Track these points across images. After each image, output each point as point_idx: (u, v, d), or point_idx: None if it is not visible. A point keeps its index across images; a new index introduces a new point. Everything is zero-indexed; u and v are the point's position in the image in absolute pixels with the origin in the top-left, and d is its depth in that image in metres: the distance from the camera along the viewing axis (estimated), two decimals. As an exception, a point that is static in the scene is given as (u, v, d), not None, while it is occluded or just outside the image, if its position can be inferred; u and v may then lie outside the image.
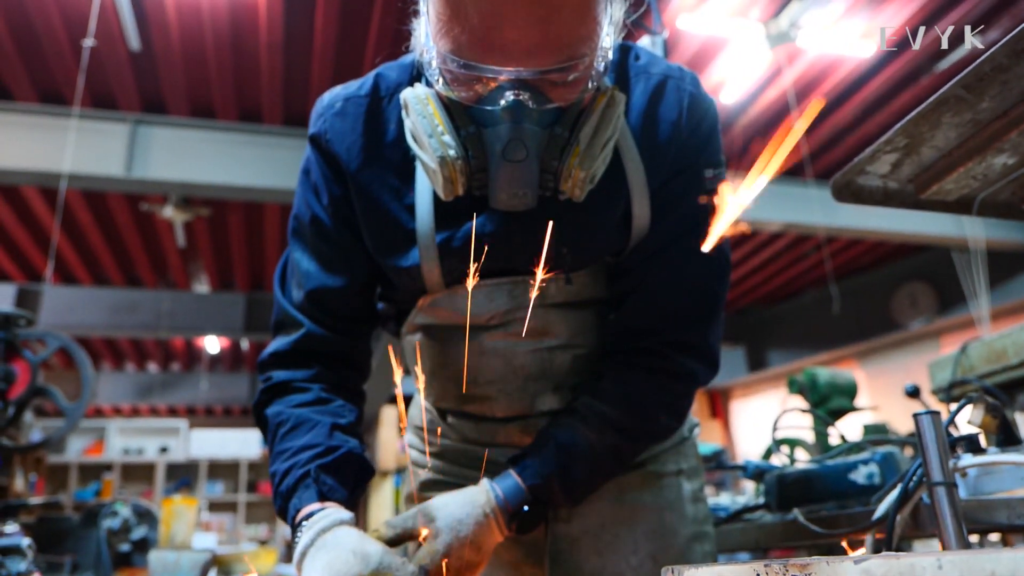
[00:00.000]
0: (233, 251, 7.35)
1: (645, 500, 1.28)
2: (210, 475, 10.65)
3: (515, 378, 1.20)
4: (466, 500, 1.07)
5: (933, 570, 0.49)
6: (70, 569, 2.53)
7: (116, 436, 10.87)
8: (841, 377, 4.41)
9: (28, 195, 6.13)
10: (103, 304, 7.91)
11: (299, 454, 1.09)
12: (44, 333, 2.64)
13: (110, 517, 2.59)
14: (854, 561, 0.55)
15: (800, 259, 8.18)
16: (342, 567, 0.96)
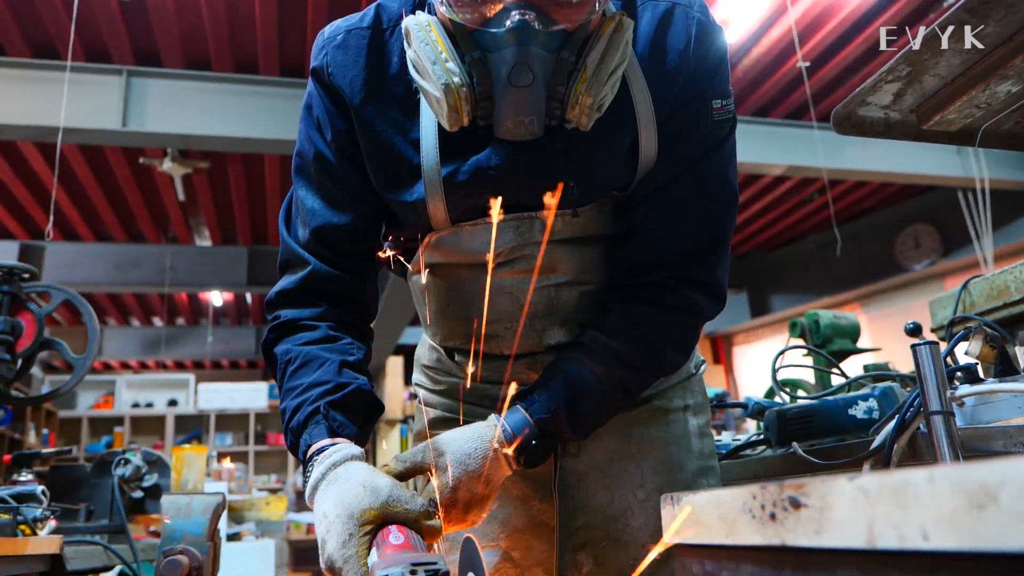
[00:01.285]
0: (234, 204, 7.33)
1: (652, 435, 1.30)
2: (219, 427, 10.79)
3: (522, 315, 1.20)
4: (474, 435, 1.09)
5: (925, 483, 0.50)
6: (85, 516, 2.58)
7: (125, 390, 11.00)
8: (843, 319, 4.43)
9: (26, 151, 6.09)
10: (106, 260, 7.91)
11: (309, 391, 1.10)
12: (48, 286, 2.65)
13: (122, 465, 2.63)
14: (848, 478, 0.56)
15: (803, 203, 8.14)
16: (352, 500, 0.98)
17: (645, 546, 1.25)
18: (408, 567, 0.89)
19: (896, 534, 0.51)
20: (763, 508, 0.66)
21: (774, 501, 0.64)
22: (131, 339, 10.88)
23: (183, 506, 1.92)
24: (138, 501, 2.73)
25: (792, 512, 0.62)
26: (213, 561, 2.00)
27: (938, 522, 0.48)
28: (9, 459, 2.66)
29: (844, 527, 0.56)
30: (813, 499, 0.60)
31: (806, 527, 0.60)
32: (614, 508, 1.27)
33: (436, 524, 1.02)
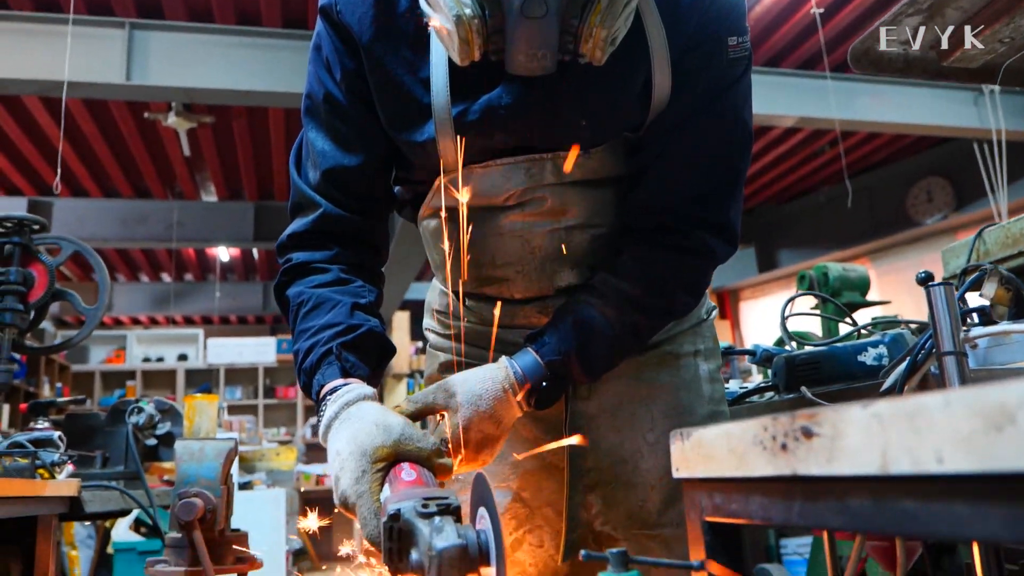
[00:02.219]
0: (239, 159, 7.30)
1: (662, 379, 1.30)
2: (228, 381, 10.89)
3: (532, 259, 1.20)
4: (485, 376, 1.09)
5: (941, 407, 0.49)
6: (101, 463, 2.62)
7: (136, 345, 11.10)
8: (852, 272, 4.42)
9: (31, 106, 6.06)
10: (113, 216, 7.92)
11: (321, 332, 1.11)
12: (58, 238, 2.65)
13: (135, 413, 2.66)
14: (861, 406, 0.56)
15: (814, 156, 8.05)
16: (365, 438, 0.99)
17: (654, 488, 1.27)
18: (420, 501, 0.90)
19: (910, 459, 0.51)
20: (774, 439, 0.66)
21: (785, 432, 0.65)
22: (140, 294, 10.94)
23: (196, 451, 1.95)
24: (152, 449, 2.77)
25: (804, 442, 0.62)
26: (227, 505, 2.04)
27: (953, 445, 0.48)
28: (25, 408, 2.70)
29: (856, 454, 0.56)
30: (825, 428, 0.60)
31: (818, 456, 0.60)
32: (623, 451, 1.28)
33: (448, 462, 1.04)
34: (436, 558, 0.84)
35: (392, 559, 0.91)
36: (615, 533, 1.27)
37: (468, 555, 0.86)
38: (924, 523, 0.52)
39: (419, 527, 0.88)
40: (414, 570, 0.89)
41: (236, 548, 2.11)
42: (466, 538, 0.87)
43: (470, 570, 0.88)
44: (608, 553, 0.77)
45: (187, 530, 1.95)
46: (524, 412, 1.12)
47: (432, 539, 0.86)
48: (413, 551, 0.89)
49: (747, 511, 0.72)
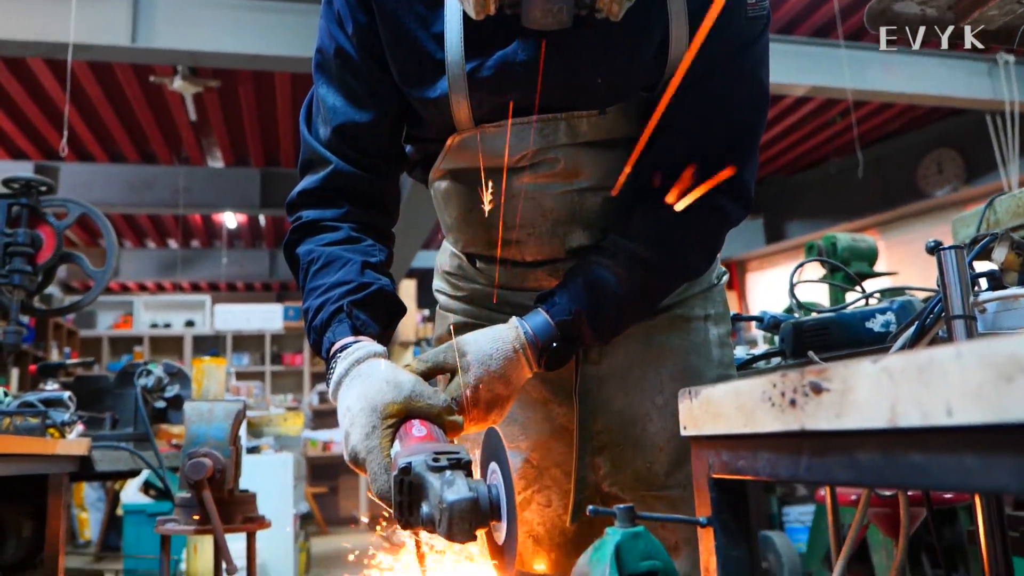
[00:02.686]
0: (245, 125, 7.27)
1: (672, 342, 1.31)
2: (235, 348, 10.96)
3: (544, 221, 1.20)
4: (495, 336, 1.09)
5: (952, 359, 0.50)
6: (110, 424, 2.65)
7: (143, 311, 11.14)
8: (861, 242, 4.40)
9: (36, 69, 6.03)
10: (120, 181, 7.92)
11: (331, 290, 1.11)
12: (65, 200, 2.66)
13: (144, 376, 2.69)
14: (871, 361, 0.57)
15: (825, 126, 7.98)
16: (376, 395, 0.99)
17: (662, 451, 1.28)
18: (431, 455, 0.91)
19: (919, 412, 0.52)
20: (783, 395, 0.66)
21: (795, 387, 0.65)
22: (147, 261, 10.97)
23: (205, 412, 1.98)
24: (161, 411, 2.80)
25: (813, 397, 0.63)
26: (235, 465, 2.06)
27: (963, 397, 0.48)
28: (35, 370, 2.72)
29: (866, 408, 0.57)
30: (835, 383, 0.60)
31: (827, 411, 0.61)
32: (632, 413, 1.29)
33: (458, 420, 1.04)
34: (447, 511, 0.85)
35: (403, 513, 0.92)
36: (622, 494, 1.29)
37: (479, 508, 0.87)
38: (932, 475, 0.53)
39: (430, 481, 0.89)
40: (425, 524, 0.90)
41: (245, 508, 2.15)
42: (477, 492, 0.87)
43: (481, 524, 0.88)
44: (615, 509, 0.78)
45: (197, 489, 1.98)
46: (534, 373, 1.13)
47: (443, 492, 0.86)
48: (424, 504, 0.90)
49: (754, 467, 0.73)
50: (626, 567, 0.74)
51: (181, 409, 2.76)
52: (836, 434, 0.60)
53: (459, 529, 0.86)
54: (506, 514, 0.89)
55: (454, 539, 0.87)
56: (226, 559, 1.88)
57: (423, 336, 9.36)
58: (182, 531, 2.04)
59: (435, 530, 0.90)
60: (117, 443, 2.42)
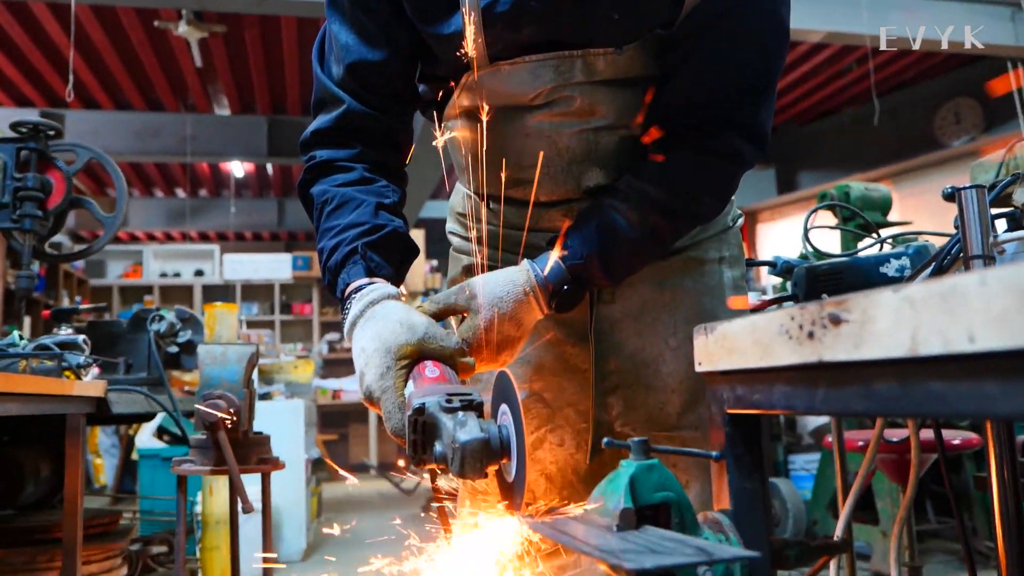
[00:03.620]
0: (251, 71, 7.19)
1: (686, 285, 1.31)
2: (245, 297, 11.03)
3: (559, 160, 1.19)
4: (507, 279, 1.10)
5: (976, 286, 0.49)
6: (124, 369, 2.69)
7: (152, 260, 11.22)
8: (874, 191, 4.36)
9: (39, 13, 5.95)
10: (126, 129, 7.87)
11: (346, 231, 1.12)
12: (74, 145, 2.65)
13: (156, 321, 2.71)
14: (892, 290, 0.57)
15: (840, 74, 7.83)
16: (390, 336, 1.00)
17: (674, 392, 1.29)
18: (444, 396, 0.92)
19: (940, 339, 0.52)
20: (800, 328, 0.67)
21: (813, 320, 0.65)
22: (155, 210, 10.97)
23: (219, 355, 2.00)
24: (174, 356, 2.83)
25: (831, 329, 0.63)
26: (249, 408, 2.09)
27: (986, 323, 0.48)
28: (48, 314, 2.75)
29: (886, 338, 0.57)
30: (855, 314, 0.60)
31: (845, 342, 0.61)
32: (645, 354, 1.30)
33: (470, 361, 1.06)
34: (459, 450, 0.88)
35: (416, 451, 0.94)
36: (634, 434, 1.30)
37: (490, 448, 0.89)
38: (950, 403, 0.53)
39: (443, 421, 0.91)
40: (437, 461, 0.92)
41: (259, 450, 2.19)
42: (488, 432, 0.90)
43: (491, 462, 0.91)
44: (630, 442, 0.79)
45: (212, 431, 2.01)
46: (545, 315, 1.14)
47: (456, 432, 0.89)
48: (437, 443, 0.92)
49: (770, 401, 0.73)
50: (640, 498, 0.75)
51: (194, 354, 2.79)
52: (854, 365, 0.61)
53: (470, 467, 0.89)
54: (515, 454, 0.91)
55: (465, 476, 0.89)
56: (242, 498, 1.92)
57: (432, 286, 9.38)
58: (198, 471, 2.08)
59: (448, 467, 0.92)
60: (132, 387, 2.45)
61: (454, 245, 1.44)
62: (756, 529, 0.78)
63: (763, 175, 9.98)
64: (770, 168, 9.93)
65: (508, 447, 0.91)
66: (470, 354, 1.08)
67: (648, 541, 0.69)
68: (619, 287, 1.27)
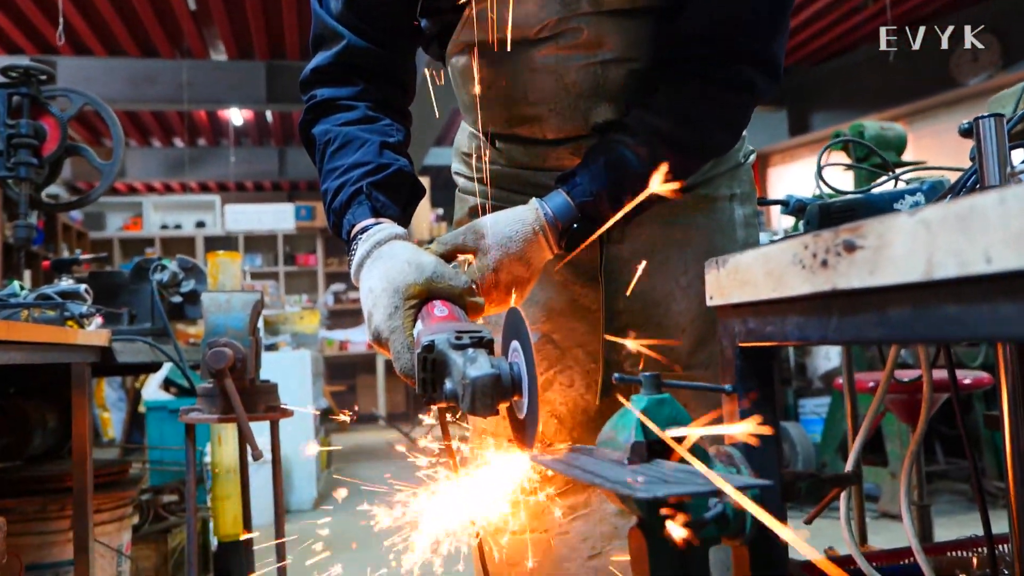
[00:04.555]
0: (248, 14, 7.07)
1: (697, 222, 1.30)
2: (248, 248, 11.05)
3: (566, 96, 1.17)
4: (515, 218, 1.09)
5: (995, 205, 0.49)
6: (128, 319, 2.71)
7: (152, 212, 11.21)
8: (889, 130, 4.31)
9: (25, -46, 5.85)
10: (120, 76, 7.79)
11: (350, 171, 1.11)
12: (67, 90, 2.63)
13: (159, 271, 2.72)
14: (908, 213, 0.56)
15: (855, 11, 7.67)
16: (397, 275, 1.01)
17: (685, 331, 1.29)
18: (454, 333, 0.93)
19: (957, 262, 0.52)
20: (814, 256, 0.67)
21: (827, 247, 0.65)
22: (153, 160, 10.92)
23: (223, 302, 2.01)
24: (177, 306, 2.84)
25: (845, 256, 0.63)
26: (255, 355, 2.11)
27: (1005, 243, 0.48)
28: (48, 265, 2.76)
29: (901, 263, 0.57)
30: (870, 239, 0.60)
31: (860, 269, 0.61)
32: (656, 294, 1.30)
33: (479, 301, 1.06)
34: (470, 386, 0.88)
35: (426, 389, 0.95)
36: (645, 373, 1.31)
37: (501, 384, 0.90)
38: (966, 326, 0.53)
39: (453, 358, 0.91)
40: (448, 399, 0.93)
41: (267, 398, 2.21)
42: (499, 368, 0.90)
43: (503, 399, 0.91)
44: (641, 376, 0.80)
45: (218, 378, 2.04)
46: (554, 254, 1.13)
47: (466, 369, 0.89)
48: (447, 381, 0.93)
49: (782, 332, 0.74)
50: (651, 432, 0.76)
51: (197, 304, 2.80)
52: (868, 292, 0.61)
53: (481, 404, 0.89)
54: (527, 390, 0.92)
55: (476, 413, 0.90)
56: (251, 444, 1.96)
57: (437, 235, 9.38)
58: (206, 419, 2.11)
59: (458, 405, 0.93)
60: (136, 337, 2.47)
61: (460, 186, 1.43)
62: (767, 462, 0.79)
63: (775, 117, 9.86)
64: (782, 109, 9.80)
65: (520, 383, 0.91)
66: (479, 295, 1.08)
67: (659, 473, 0.70)
68: (628, 226, 1.27)
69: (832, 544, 2.44)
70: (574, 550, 1.32)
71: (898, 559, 1.46)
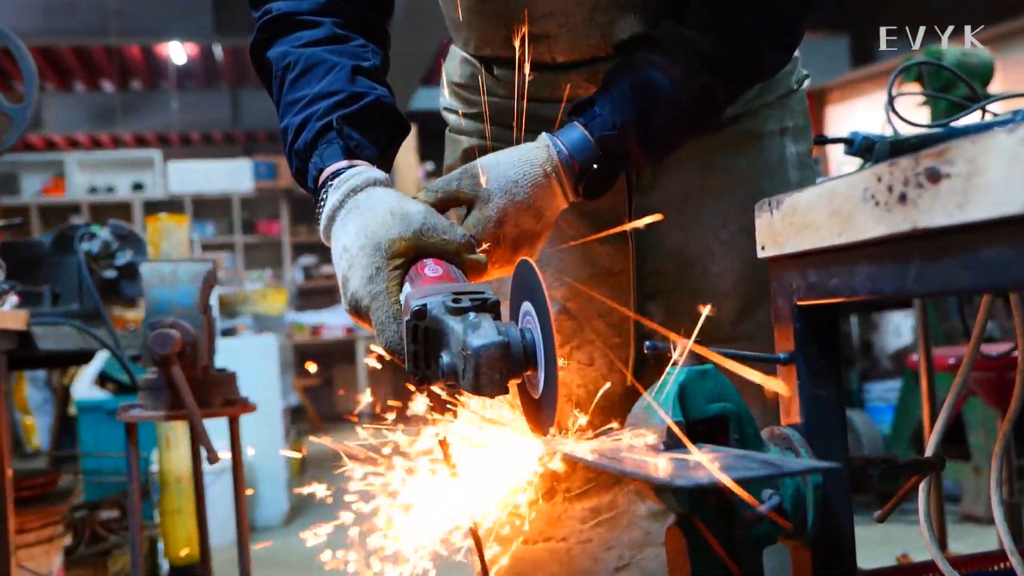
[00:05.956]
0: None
1: (739, 165, 1.29)
2: (197, 214, 10.98)
3: (580, 8, 1.16)
4: (522, 158, 1.08)
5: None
6: (50, 300, 2.69)
7: (78, 172, 11.09)
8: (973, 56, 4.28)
9: None
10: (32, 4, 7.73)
11: (316, 103, 1.10)
12: (-29, 21, 2.61)
13: (87, 240, 2.71)
14: (1007, 131, 0.56)
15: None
16: (379, 229, 0.99)
17: (726, 296, 1.29)
18: (450, 295, 0.91)
19: (1067, 188, 0.51)
20: (890, 190, 0.66)
21: (906, 179, 0.65)
22: (77, 108, 10.87)
23: (167, 274, 2.01)
24: (111, 283, 2.83)
25: (928, 188, 0.62)
26: (208, 338, 2.12)
27: None
28: (-52, 233, 2.75)
29: (997, 192, 0.56)
30: (959, 165, 0.60)
31: (946, 202, 0.61)
32: (690, 252, 1.29)
33: (481, 258, 1.05)
34: (473, 358, 0.85)
35: (418, 366, 0.93)
36: (678, 349, 1.31)
37: (511, 354, 0.88)
38: (1079, 266, 0.53)
39: (450, 325, 0.90)
40: (446, 376, 0.91)
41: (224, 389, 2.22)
42: (508, 335, 0.88)
43: (513, 373, 0.90)
44: (678, 343, 0.80)
45: (164, 366, 2.03)
46: (570, 203, 1.13)
47: (467, 337, 0.86)
48: (444, 354, 0.91)
49: (850, 285, 0.73)
50: (691, 410, 0.76)
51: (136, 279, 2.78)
52: (956, 230, 0.60)
53: (488, 380, 0.87)
54: (543, 362, 0.91)
55: (482, 392, 0.89)
56: (206, 445, 1.97)
57: (424, 192, 9.38)
58: (151, 416, 2.12)
59: (458, 383, 0.91)
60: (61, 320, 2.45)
61: (451, 124, 1.42)
62: (832, 444, 0.79)
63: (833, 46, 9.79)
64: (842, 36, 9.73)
65: (533, 354, 0.90)
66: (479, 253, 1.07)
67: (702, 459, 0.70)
68: (659, 168, 1.26)
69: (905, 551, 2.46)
70: (598, 561, 1.33)
71: (988, 565, 1.47)
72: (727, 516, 0.71)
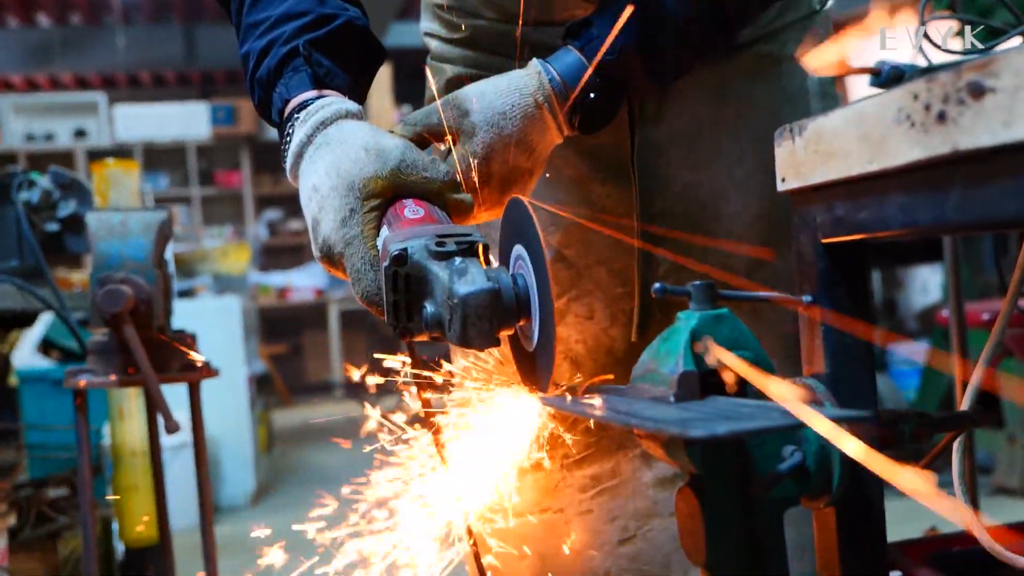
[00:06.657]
0: None
1: (756, 94, 1.29)
2: (148, 165, 10.88)
3: None
4: (510, 87, 1.08)
5: None
6: (-16, 254, 2.67)
7: (12, 118, 10.97)
8: (1014, -21, 4.24)
9: None
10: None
11: (280, 26, 1.10)
12: None
13: (25, 188, 2.69)
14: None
15: None
16: (352, 166, 0.99)
17: (743, 238, 1.29)
18: (433, 238, 0.91)
19: None
20: (927, 109, 0.66)
21: (945, 95, 0.64)
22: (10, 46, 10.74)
23: (117, 224, 1.99)
24: (54, 236, 2.81)
25: (971, 105, 0.62)
26: (164, 295, 2.11)
27: None
28: None
29: (1049, 106, 0.56)
30: (1006, 78, 0.59)
31: (990, 119, 0.60)
32: (702, 192, 1.29)
33: (466, 198, 1.05)
34: (459, 307, 0.86)
35: (399, 317, 0.94)
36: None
37: (502, 303, 0.88)
38: None
39: (434, 271, 0.90)
40: (430, 327, 0.91)
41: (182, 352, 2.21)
42: (498, 281, 0.88)
43: (505, 324, 0.90)
44: (690, 286, 0.79)
45: (115, 326, 2.02)
46: (565, 138, 1.12)
47: (453, 284, 0.87)
48: (427, 303, 0.91)
49: (882, 218, 0.73)
50: (704, 361, 0.75)
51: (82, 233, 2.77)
52: (1002, 151, 0.60)
53: (476, 331, 0.87)
54: (537, 310, 0.91)
55: (470, 344, 0.89)
56: (164, 414, 1.96)
57: (402, 140, 9.35)
58: (102, 383, 2.11)
59: (444, 335, 0.91)
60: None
61: (432, 51, 1.41)
62: (861, 395, 0.79)
63: (855, -31, 9.73)
64: (865, -42, 9.67)
65: (527, 302, 0.90)
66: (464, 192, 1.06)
67: (717, 409, 0.70)
68: (666, 98, 1.25)
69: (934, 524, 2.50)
70: (599, 534, 1.34)
71: (1025, 536, 1.48)
72: (745, 474, 0.71)
